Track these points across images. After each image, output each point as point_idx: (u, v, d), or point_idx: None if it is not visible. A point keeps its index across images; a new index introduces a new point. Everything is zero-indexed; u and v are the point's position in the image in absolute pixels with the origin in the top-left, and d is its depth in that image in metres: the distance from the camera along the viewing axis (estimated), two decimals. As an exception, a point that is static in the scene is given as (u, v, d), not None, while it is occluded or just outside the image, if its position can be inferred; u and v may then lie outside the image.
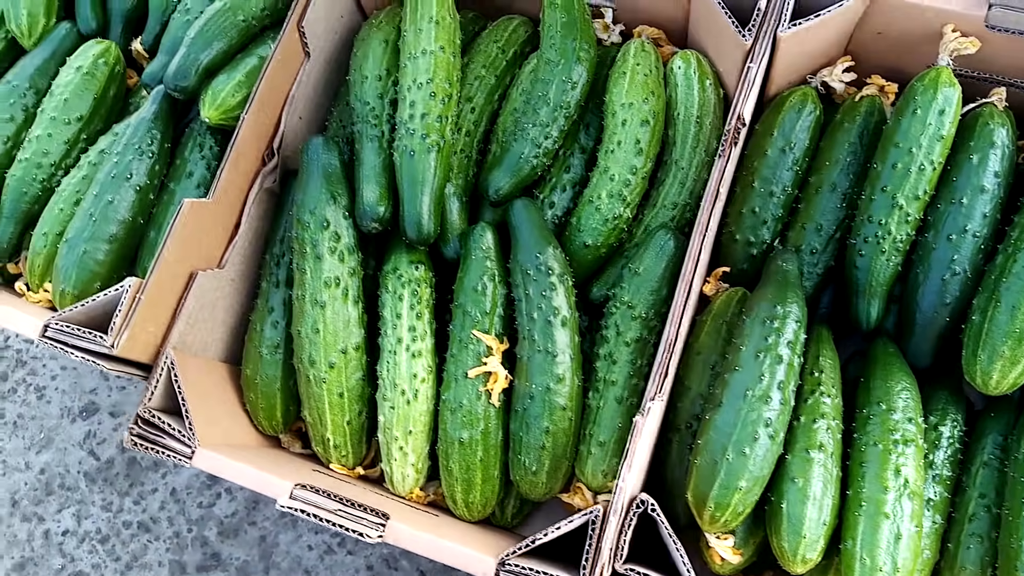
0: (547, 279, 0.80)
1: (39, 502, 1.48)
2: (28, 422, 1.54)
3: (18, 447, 1.51)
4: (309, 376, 0.83)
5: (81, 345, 0.76)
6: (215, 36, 0.85)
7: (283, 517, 1.47)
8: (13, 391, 1.56)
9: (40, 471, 1.49)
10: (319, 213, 0.82)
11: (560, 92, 0.83)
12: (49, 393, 1.57)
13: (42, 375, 1.58)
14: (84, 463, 1.49)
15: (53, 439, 1.52)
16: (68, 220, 0.85)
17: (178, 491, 1.48)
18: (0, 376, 1.58)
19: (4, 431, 1.53)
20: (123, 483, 1.48)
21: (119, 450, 1.50)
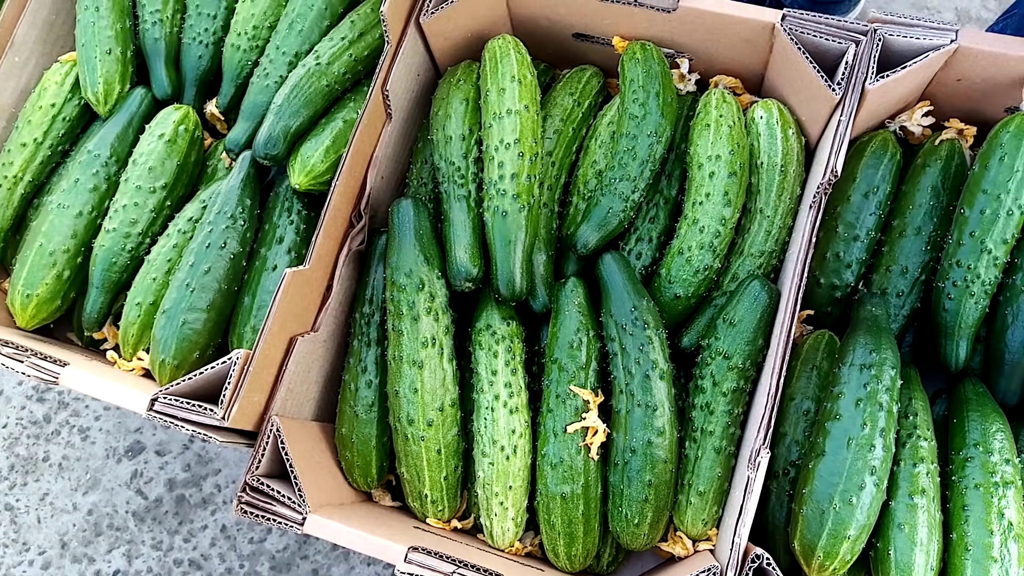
0: (643, 332, 0.83)
1: (88, 543, 1.50)
2: (74, 463, 1.56)
3: (64, 489, 1.53)
4: (408, 435, 0.85)
5: (190, 418, 0.78)
6: (302, 104, 0.88)
7: (335, 550, 1.49)
8: (57, 433, 1.58)
9: (88, 512, 1.51)
10: (415, 275, 0.85)
11: (647, 147, 0.86)
12: (93, 434, 1.59)
13: (85, 416, 1.60)
14: (132, 502, 1.51)
15: (99, 480, 1.54)
16: (160, 289, 0.87)
17: (228, 527, 1.50)
18: (43, 418, 1.60)
19: (50, 473, 1.55)
20: (172, 521, 1.50)
21: (167, 488, 1.52)
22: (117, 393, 0.80)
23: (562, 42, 0.99)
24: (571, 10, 0.92)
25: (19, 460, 1.56)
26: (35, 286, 0.88)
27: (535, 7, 0.94)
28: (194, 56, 0.99)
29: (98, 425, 1.60)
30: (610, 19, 0.91)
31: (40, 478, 1.55)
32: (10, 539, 1.50)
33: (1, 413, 1.59)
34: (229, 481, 1.51)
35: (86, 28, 0.95)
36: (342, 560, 1.50)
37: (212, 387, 0.81)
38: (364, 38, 0.93)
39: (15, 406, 1.60)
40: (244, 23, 0.97)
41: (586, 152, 0.94)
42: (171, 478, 1.52)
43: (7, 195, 0.96)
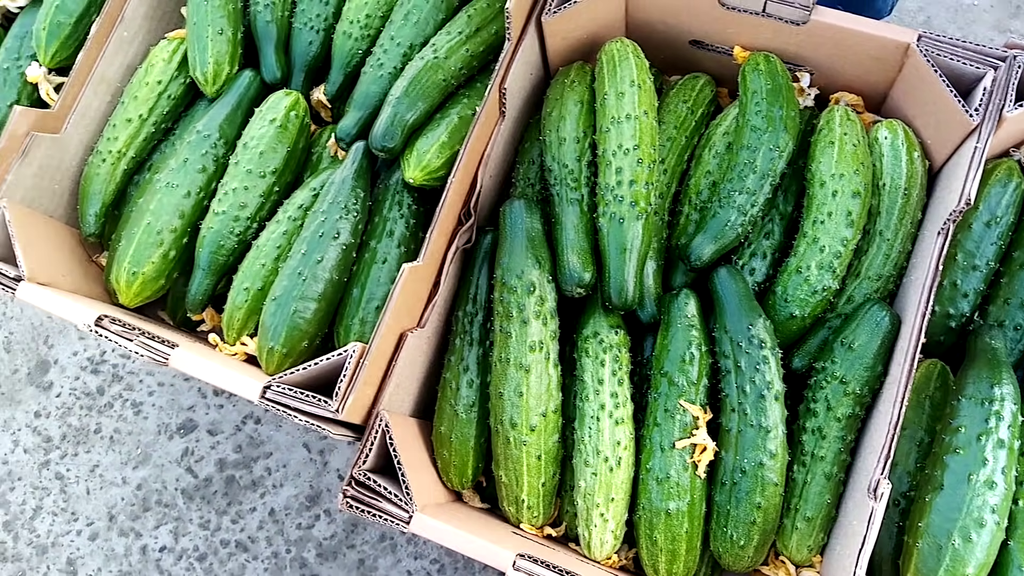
0: (759, 351, 0.82)
1: (136, 517, 1.51)
2: (125, 437, 1.57)
3: (115, 462, 1.54)
4: (509, 438, 0.84)
5: (303, 408, 0.78)
6: (419, 96, 0.87)
7: (382, 541, 1.49)
8: (109, 406, 1.59)
9: (137, 486, 1.52)
10: (526, 278, 0.84)
11: (767, 160, 0.85)
12: (146, 409, 1.60)
13: (139, 390, 1.61)
14: (182, 480, 1.52)
15: (150, 455, 1.55)
16: (269, 275, 0.87)
17: (276, 511, 1.51)
18: (97, 390, 1.61)
19: (101, 445, 1.56)
20: (221, 501, 1.51)
21: (217, 468, 1.53)
22: (227, 378, 0.80)
23: (676, 48, 0.98)
24: (692, 17, 0.91)
25: (71, 430, 1.57)
26: (141, 264, 0.88)
27: (654, 11, 0.93)
28: (304, 41, 0.98)
29: (151, 400, 1.61)
30: (733, 28, 0.90)
31: (91, 449, 1.56)
32: (59, 508, 1.51)
33: (56, 383, 1.61)
34: (280, 465, 1.52)
35: (198, 7, 0.95)
36: (388, 552, 1.51)
37: (324, 378, 0.81)
38: (480, 33, 0.93)
39: (69, 376, 1.61)
40: (357, 11, 0.96)
41: (698, 161, 0.93)
42: (222, 458, 1.53)
43: (110, 170, 0.96)
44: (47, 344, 1.70)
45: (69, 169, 0.97)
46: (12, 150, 0.90)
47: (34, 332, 1.70)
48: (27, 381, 1.67)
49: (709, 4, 0.88)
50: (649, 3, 0.92)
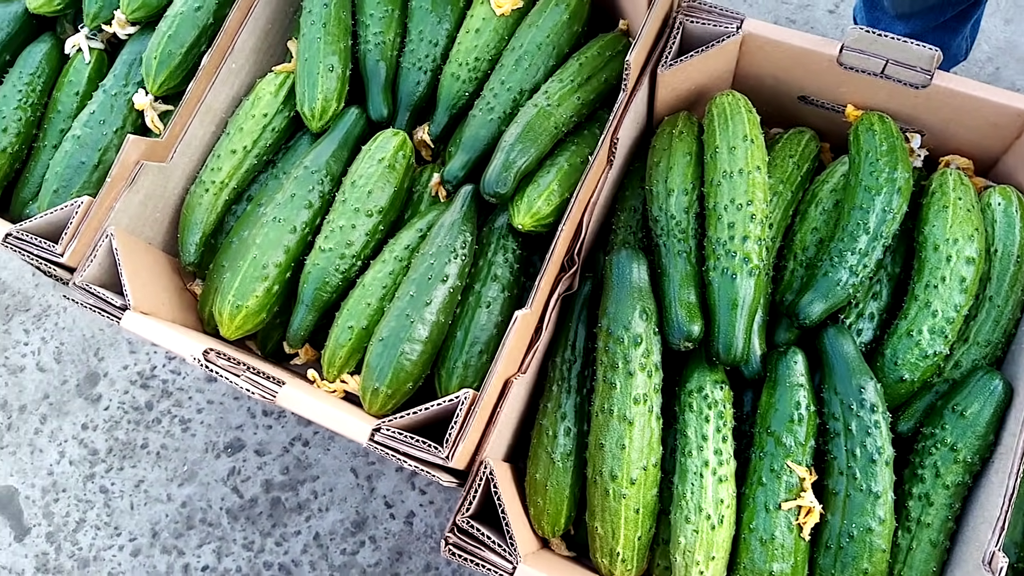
0: (871, 415, 0.82)
1: (179, 535, 1.51)
2: (172, 454, 1.58)
3: (160, 478, 1.55)
4: (608, 490, 0.84)
5: (412, 453, 0.79)
6: (532, 143, 0.88)
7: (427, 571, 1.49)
8: (157, 421, 1.60)
9: (182, 504, 1.53)
10: (633, 329, 0.85)
11: (881, 221, 0.85)
12: (194, 426, 1.60)
13: (188, 407, 1.62)
14: (227, 499, 1.52)
15: (196, 473, 1.55)
16: (374, 315, 0.88)
17: (321, 536, 1.51)
18: (146, 405, 1.62)
19: (147, 461, 1.56)
20: (266, 523, 1.50)
21: (263, 489, 1.53)
22: (334, 418, 0.81)
23: (783, 102, 0.99)
24: (806, 74, 0.92)
25: (118, 444, 1.58)
26: (246, 297, 0.89)
27: (766, 67, 0.94)
28: (412, 81, 1.00)
29: (199, 418, 1.62)
30: (848, 87, 0.91)
31: (137, 464, 1.57)
32: (102, 522, 1.52)
33: (104, 395, 1.62)
34: (326, 488, 1.52)
35: (310, 43, 0.97)
36: (432, 585, 1.50)
37: (431, 422, 0.82)
38: (591, 81, 0.94)
39: (118, 389, 1.62)
40: (466, 54, 0.98)
41: (804, 217, 0.94)
42: (268, 479, 1.53)
43: (212, 200, 0.98)
44: (97, 356, 1.71)
45: (171, 197, 0.99)
46: (122, 178, 0.91)
47: (85, 344, 1.72)
48: (76, 393, 1.68)
49: (826, 63, 0.89)
50: (762, 58, 0.93)
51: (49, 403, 1.62)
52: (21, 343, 1.66)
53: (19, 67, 1.07)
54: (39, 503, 1.55)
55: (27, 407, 1.62)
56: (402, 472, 1.49)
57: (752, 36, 0.90)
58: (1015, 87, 1.57)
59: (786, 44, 0.90)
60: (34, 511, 1.54)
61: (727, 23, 0.89)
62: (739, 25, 0.89)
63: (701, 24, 0.90)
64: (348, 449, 1.54)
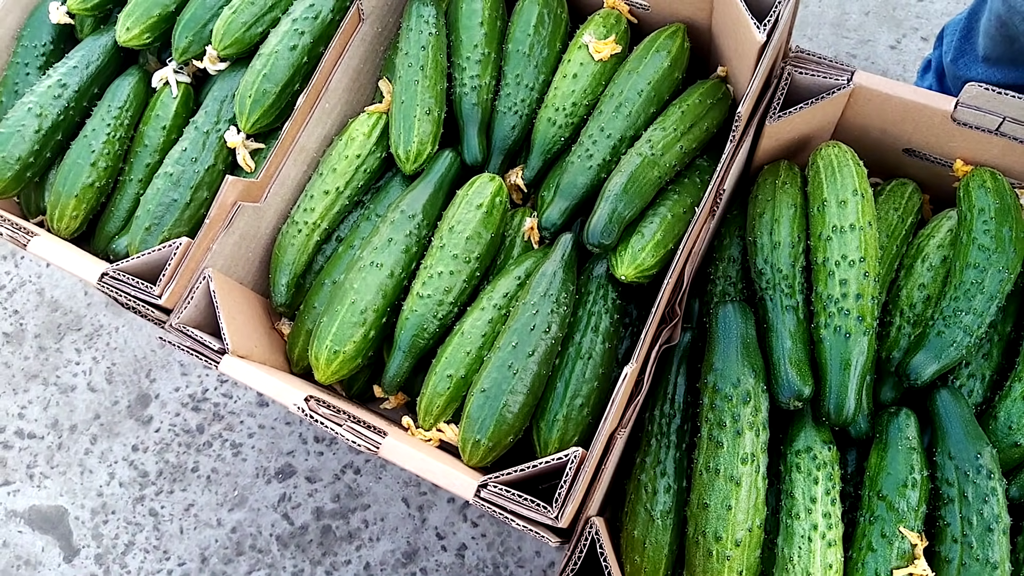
0: (988, 482, 0.81)
1: (229, 561, 1.51)
2: (222, 478, 1.58)
3: (210, 502, 1.55)
4: (712, 551, 0.84)
5: (520, 512, 0.78)
6: (636, 193, 0.88)
7: (477, 607, 1.48)
8: (208, 445, 1.61)
9: (232, 529, 1.53)
10: (742, 386, 0.84)
11: (996, 281, 0.85)
12: (245, 451, 1.61)
13: (239, 431, 1.62)
14: (277, 526, 1.52)
15: (247, 498, 1.55)
16: (472, 363, 0.88)
17: (372, 566, 1.51)
18: (197, 428, 1.63)
19: (197, 484, 1.57)
20: (316, 551, 1.50)
21: (314, 516, 1.53)
22: (439, 473, 0.80)
23: (886, 154, 0.98)
24: (915, 127, 0.92)
25: (168, 467, 1.59)
26: (343, 343, 0.89)
27: (874, 119, 0.94)
28: (507, 126, 1.00)
29: (251, 443, 1.63)
30: (958, 142, 0.91)
31: (187, 488, 1.57)
32: (152, 545, 1.52)
33: (156, 417, 1.63)
34: (377, 518, 1.52)
35: (408, 86, 0.98)
36: (481, 621, 1.49)
37: (536, 479, 0.82)
38: (693, 130, 0.94)
39: (169, 412, 1.63)
40: (563, 99, 0.98)
41: (909, 272, 0.93)
42: (319, 507, 1.54)
43: (304, 241, 0.98)
44: (149, 378, 1.72)
45: (263, 237, 1.00)
46: (220, 219, 0.92)
47: (137, 365, 1.73)
48: (127, 414, 1.69)
49: (939, 118, 0.88)
50: (871, 111, 0.92)
51: (100, 423, 1.63)
52: (72, 362, 1.67)
53: (107, 100, 1.09)
54: (88, 524, 1.56)
55: (77, 427, 1.63)
56: (454, 503, 1.49)
57: (862, 89, 0.90)
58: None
59: (897, 98, 0.89)
60: (83, 532, 1.55)
61: (837, 75, 0.89)
62: (849, 78, 0.89)
63: (810, 75, 0.90)
64: (400, 478, 1.54)
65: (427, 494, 1.54)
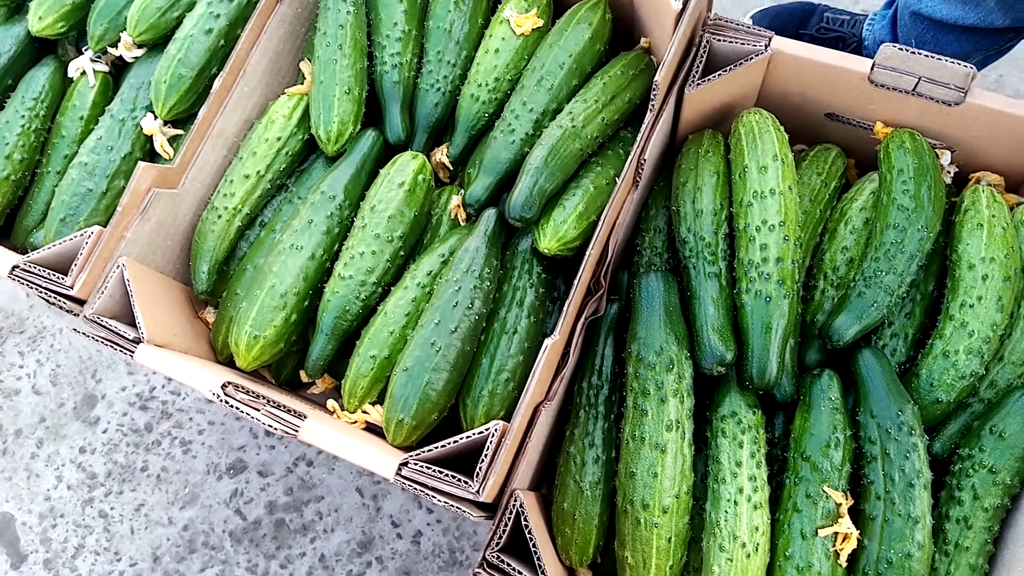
0: (909, 439, 0.82)
1: (181, 559, 1.50)
2: (173, 476, 1.57)
3: (161, 501, 1.54)
4: (640, 519, 0.84)
5: (441, 488, 0.78)
6: (558, 166, 0.88)
7: (432, 598, 1.48)
8: (157, 443, 1.59)
9: (184, 527, 1.51)
10: (665, 354, 0.85)
11: (916, 240, 0.86)
12: (195, 448, 1.59)
13: (188, 428, 1.61)
14: (230, 522, 1.51)
15: (198, 495, 1.54)
16: (396, 343, 0.88)
17: (327, 557, 1.50)
18: (145, 427, 1.61)
19: (147, 484, 1.55)
20: (270, 545, 1.50)
21: (267, 510, 1.52)
22: (360, 453, 0.80)
23: (808, 119, 0.99)
24: (835, 91, 0.93)
25: (117, 468, 1.57)
26: (263, 328, 0.89)
27: (794, 84, 0.95)
28: (430, 103, 1.00)
29: (201, 439, 1.61)
30: (877, 104, 0.92)
31: (137, 488, 1.56)
32: (102, 547, 1.50)
33: (103, 418, 1.60)
34: (331, 509, 1.51)
35: (327, 65, 0.97)
36: (439, 608, 1.49)
37: (460, 455, 0.81)
38: (615, 101, 0.94)
39: (117, 412, 1.61)
40: (486, 74, 0.98)
41: (833, 236, 0.94)
42: (272, 500, 1.53)
43: (225, 227, 0.97)
44: (95, 378, 1.70)
45: (182, 224, 0.99)
46: (133, 207, 0.91)
47: (82, 366, 1.71)
48: (73, 416, 1.67)
49: (857, 80, 0.89)
50: (790, 75, 0.93)
51: (46, 427, 1.61)
52: (16, 366, 1.64)
53: (21, 91, 1.07)
54: (36, 529, 1.53)
55: (23, 431, 1.60)
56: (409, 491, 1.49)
57: (781, 54, 0.90)
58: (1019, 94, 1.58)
59: (815, 62, 0.90)
60: (31, 537, 1.52)
61: (755, 41, 0.90)
62: (767, 43, 0.89)
63: (728, 42, 0.90)
64: (353, 469, 1.53)
65: (381, 483, 1.53)
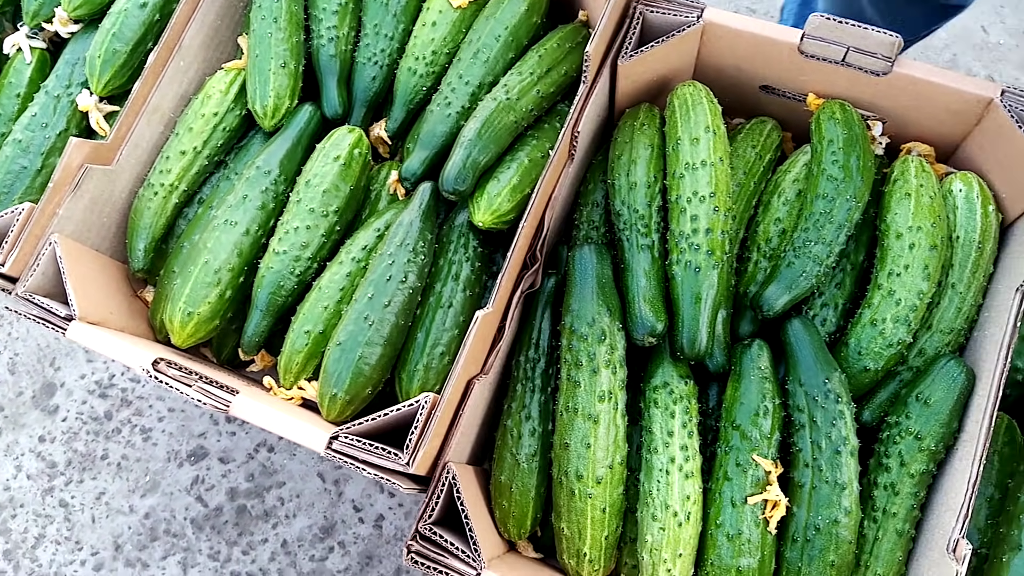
0: (836, 406, 0.83)
1: (143, 547, 1.50)
2: (133, 464, 1.57)
3: (122, 489, 1.53)
4: (574, 490, 0.85)
5: (371, 460, 0.79)
6: (492, 139, 0.88)
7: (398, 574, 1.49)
8: (117, 431, 1.59)
9: (145, 515, 1.52)
10: (597, 325, 0.85)
11: (844, 210, 0.87)
12: (156, 435, 1.59)
13: (148, 416, 1.60)
14: (191, 509, 1.51)
15: (159, 483, 1.54)
16: (330, 318, 0.88)
17: (289, 543, 1.51)
18: (105, 415, 1.60)
19: (108, 472, 1.55)
20: (231, 532, 1.50)
21: (228, 497, 1.52)
22: (289, 427, 0.80)
23: (744, 91, 1.00)
24: (767, 63, 0.93)
25: (77, 456, 1.56)
26: (197, 304, 0.88)
27: (728, 57, 0.95)
28: (367, 77, 1.00)
29: (161, 427, 1.61)
30: (808, 75, 0.92)
31: (97, 476, 1.55)
32: (63, 536, 1.50)
33: (62, 407, 1.60)
34: (293, 495, 1.51)
35: (261, 39, 0.96)
36: (404, 586, 1.50)
37: (392, 428, 0.82)
38: (550, 74, 0.94)
39: (76, 400, 1.60)
40: (423, 47, 0.98)
41: (767, 208, 0.95)
42: (233, 487, 1.53)
43: (162, 203, 0.97)
44: (53, 366, 1.69)
45: (118, 202, 0.98)
46: (65, 183, 0.90)
47: (40, 354, 1.69)
48: (32, 404, 1.66)
49: (787, 51, 0.90)
50: (724, 48, 0.94)
51: (4, 416, 1.60)
52: (-28, 355, 1.63)
53: (-45, 69, 1.05)
54: (-5, 520, 1.52)
55: (-20, 421, 1.59)
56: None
57: (713, 25, 0.91)
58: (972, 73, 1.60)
59: (747, 33, 0.90)
60: (-10, 529, 1.51)
61: (687, 12, 0.90)
62: (699, 14, 0.90)
63: (661, 14, 0.90)
64: (315, 454, 1.53)
65: (343, 468, 1.53)
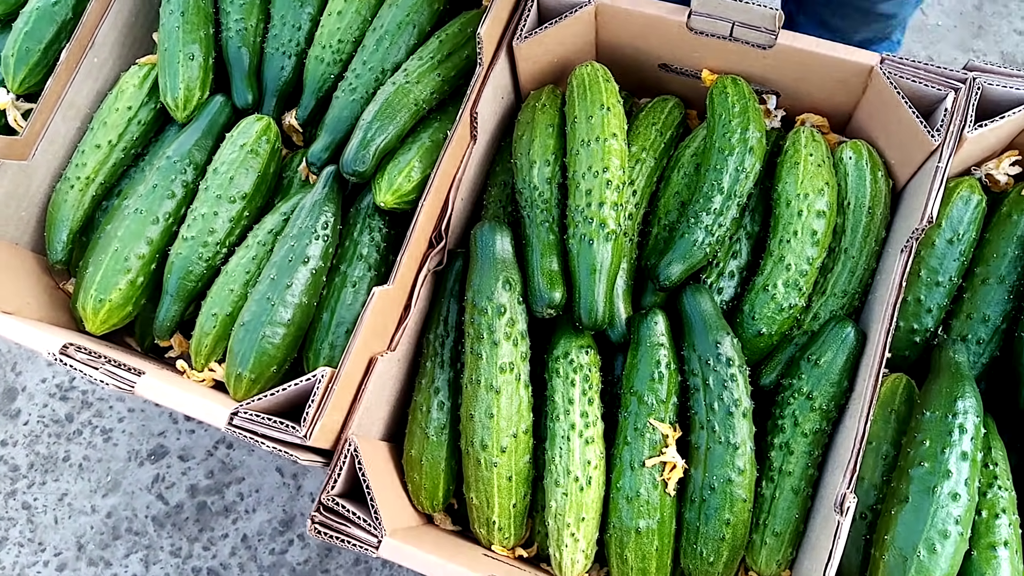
0: (727, 369, 0.85)
1: (106, 546, 1.51)
2: (94, 464, 1.58)
3: (84, 490, 1.55)
4: (480, 460, 0.87)
5: (270, 435, 0.80)
6: (390, 120, 0.90)
7: (356, 565, 1.51)
8: (79, 433, 1.60)
9: (107, 515, 1.53)
10: (496, 299, 0.87)
11: (733, 181, 0.89)
12: (116, 435, 1.61)
13: (108, 417, 1.62)
14: (152, 507, 1.53)
15: (120, 482, 1.55)
16: (238, 301, 0.90)
17: (249, 537, 1.52)
18: (66, 417, 1.62)
19: (70, 473, 1.57)
20: (192, 528, 1.52)
21: (188, 494, 1.54)
22: (193, 405, 0.82)
23: (646, 71, 1.02)
24: (661, 41, 0.96)
25: (39, 458, 1.58)
26: (108, 291, 0.90)
27: (624, 36, 0.97)
28: (276, 67, 1.02)
29: (121, 427, 1.62)
30: (700, 52, 0.95)
31: (59, 478, 1.57)
32: (26, 538, 1.51)
33: (23, 410, 1.61)
34: (252, 490, 1.53)
35: (170, 33, 0.98)
36: (364, 575, 1.52)
37: (293, 404, 0.83)
38: (451, 58, 0.96)
39: (37, 403, 1.62)
40: (329, 36, 1.00)
41: (667, 182, 0.97)
42: (193, 484, 1.54)
43: (79, 196, 0.98)
44: (14, 371, 1.70)
45: (36, 196, 1.00)
46: (-22, 177, 0.92)
47: (1, 359, 1.71)
48: (-7, 410, 1.66)
49: (677, 28, 0.92)
50: (618, 27, 0.96)
51: (-35, 421, 1.61)
52: (-68, 361, 1.64)
53: None
54: (-42, 525, 1.54)
55: (-58, 427, 1.60)
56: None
57: (605, 6, 0.93)
58: (912, 54, 1.62)
59: (638, 12, 0.93)
60: (-46, 533, 1.53)
61: (580, -7, 0.92)
62: (591, -6, 0.92)
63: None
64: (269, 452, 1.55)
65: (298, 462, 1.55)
